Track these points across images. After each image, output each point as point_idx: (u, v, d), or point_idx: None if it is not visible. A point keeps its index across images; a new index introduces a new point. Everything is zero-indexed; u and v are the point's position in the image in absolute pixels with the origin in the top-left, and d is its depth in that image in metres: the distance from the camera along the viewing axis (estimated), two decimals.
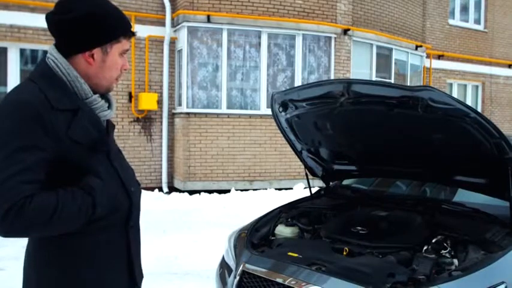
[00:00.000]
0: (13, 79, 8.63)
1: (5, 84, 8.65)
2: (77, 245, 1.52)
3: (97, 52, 1.55)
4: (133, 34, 1.63)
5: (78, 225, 1.46)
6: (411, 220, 2.92)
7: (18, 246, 5.51)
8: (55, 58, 1.53)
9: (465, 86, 14.56)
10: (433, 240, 2.63)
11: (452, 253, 2.56)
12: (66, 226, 1.43)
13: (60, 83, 1.51)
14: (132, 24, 1.62)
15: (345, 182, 3.89)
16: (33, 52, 8.92)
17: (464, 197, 3.10)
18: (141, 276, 1.75)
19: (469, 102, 14.04)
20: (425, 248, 2.59)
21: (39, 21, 8.55)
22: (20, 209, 1.32)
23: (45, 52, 7.47)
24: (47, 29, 1.60)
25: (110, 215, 1.55)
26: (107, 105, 1.62)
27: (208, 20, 9.17)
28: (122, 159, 1.69)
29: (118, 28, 1.57)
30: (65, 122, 1.46)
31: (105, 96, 1.64)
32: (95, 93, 1.58)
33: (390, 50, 11.29)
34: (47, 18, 1.55)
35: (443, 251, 2.56)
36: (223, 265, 2.99)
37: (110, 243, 1.58)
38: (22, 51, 8.79)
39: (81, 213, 1.43)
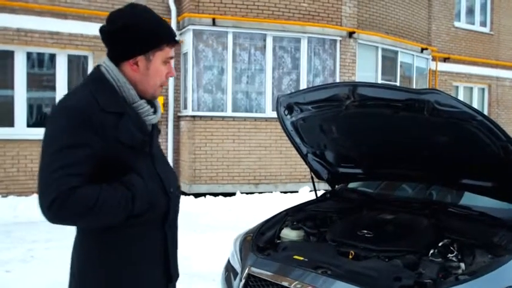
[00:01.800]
0: (20, 82, 8.69)
1: (12, 87, 8.70)
2: (115, 239, 1.61)
3: (141, 60, 1.64)
4: (176, 42, 1.71)
5: (119, 218, 1.56)
6: (417, 223, 2.90)
7: (24, 249, 5.55)
8: (106, 65, 1.65)
9: (471, 88, 14.50)
10: (440, 244, 2.61)
11: (459, 257, 2.54)
12: (107, 218, 1.54)
13: (111, 87, 1.63)
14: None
15: (351, 185, 3.88)
16: (40, 55, 8.97)
17: (471, 200, 3.08)
18: (177, 276, 1.84)
19: (475, 105, 13.98)
20: (431, 251, 2.57)
21: (46, 24, 8.64)
22: (65, 198, 1.44)
23: (51, 55, 7.48)
24: (53, 33, 1.69)
25: (148, 212, 1.63)
26: (152, 110, 1.71)
27: (214, 23, 9.20)
28: (164, 162, 1.79)
29: (160, 37, 1.66)
30: (112, 123, 1.57)
31: (151, 101, 1.73)
32: (142, 98, 1.68)
33: (396, 52, 11.27)
34: (100, 30, 1.66)
35: (449, 255, 2.54)
36: (229, 268, 2.99)
37: (148, 240, 1.67)
38: (29, 55, 8.84)
39: (121, 206, 1.53)
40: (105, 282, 1.63)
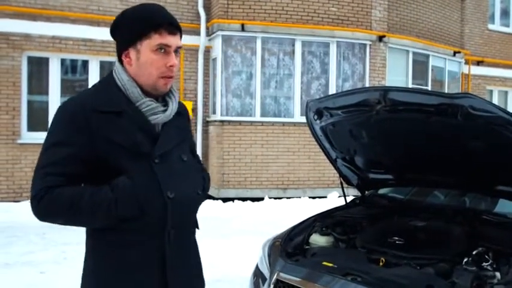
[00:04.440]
0: (54, 88, 8.95)
1: (46, 93, 8.96)
2: (108, 241, 1.58)
3: (131, 51, 1.62)
4: (168, 27, 1.59)
5: (103, 220, 1.52)
6: (450, 231, 2.84)
7: (58, 251, 5.68)
8: (115, 66, 1.67)
9: (506, 92, 14.09)
10: (474, 252, 2.54)
11: (494, 266, 2.46)
12: (86, 219, 1.54)
13: (115, 87, 1.62)
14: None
15: (381, 191, 3.82)
16: (73, 62, 9.23)
17: (506, 207, 3.00)
18: (202, 285, 1.78)
19: (510, 109, 13.58)
20: (465, 260, 2.50)
21: (79, 32, 8.88)
22: (41, 198, 1.48)
23: (84, 62, 7.67)
24: (86, 40, 1.75)
25: (140, 217, 1.54)
26: (162, 109, 1.63)
27: (243, 29, 9.25)
28: (176, 164, 1.65)
29: (144, 24, 1.58)
30: (105, 122, 1.54)
31: (165, 100, 1.68)
32: (149, 96, 1.62)
33: (427, 56, 11.08)
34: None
35: (484, 264, 2.46)
36: (257, 273, 2.98)
37: (139, 247, 1.58)
38: (63, 61, 9.09)
39: (101, 208, 1.49)
40: None
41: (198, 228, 1.82)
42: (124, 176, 1.52)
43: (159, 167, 1.59)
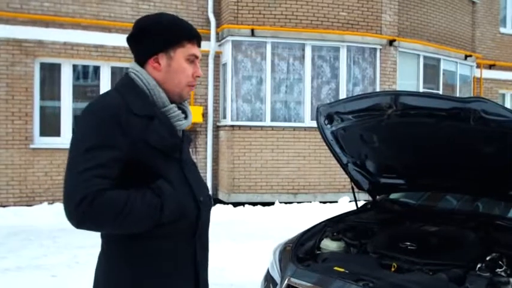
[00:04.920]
0: (66, 94, 9.04)
1: (58, 98, 9.05)
2: (142, 249, 1.56)
3: (161, 57, 1.63)
4: (197, 39, 1.68)
5: (146, 226, 1.50)
6: (463, 236, 2.81)
7: (70, 254, 5.72)
8: (136, 71, 1.65)
9: None
10: (488, 258, 2.51)
11: (509, 272, 2.43)
12: (133, 224, 1.48)
13: (141, 92, 1.61)
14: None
15: (393, 196, 3.79)
16: (85, 68, 9.32)
17: None
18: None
19: None
20: (479, 265, 2.47)
21: (91, 38, 8.97)
22: (92, 200, 1.40)
23: (95, 67, 7.75)
24: (97, 46, 1.74)
25: (177, 221, 1.57)
26: (183, 116, 1.68)
27: (252, 34, 9.28)
28: (194, 170, 1.73)
29: (178, 33, 1.64)
30: (142, 126, 1.54)
31: (181, 108, 1.71)
32: (172, 103, 1.65)
33: (438, 60, 11.02)
34: (126, 39, 1.71)
35: (498, 270, 2.43)
36: (268, 278, 2.98)
37: (178, 251, 1.61)
38: (74, 67, 9.18)
39: (149, 213, 1.48)
40: None
41: None
42: (161, 179, 1.53)
43: (187, 171, 1.65)
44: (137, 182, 1.51)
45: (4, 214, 7.85)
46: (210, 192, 9.22)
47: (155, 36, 1.62)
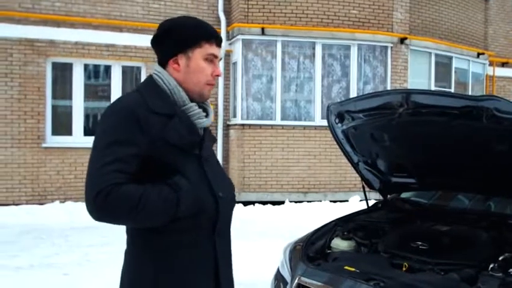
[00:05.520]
0: (78, 93, 9.10)
1: (70, 98, 9.13)
2: (162, 243, 1.59)
3: (180, 58, 1.69)
4: (216, 40, 1.73)
5: (162, 221, 1.54)
6: (475, 236, 2.78)
7: (80, 253, 5.77)
8: (158, 72, 1.71)
9: None
10: (500, 258, 2.48)
11: None
12: (148, 218, 1.52)
13: (162, 92, 1.67)
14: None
15: (404, 195, 3.77)
16: (96, 67, 9.37)
17: None
18: (231, 286, 1.79)
19: None
20: (491, 265, 2.45)
21: (102, 38, 9.02)
22: (107, 194, 1.46)
23: (106, 67, 7.81)
24: (109, 45, 1.78)
25: (195, 216, 1.60)
26: (204, 114, 1.72)
27: (263, 33, 9.27)
28: (217, 167, 1.77)
29: (196, 34, 1.70)
30: (161, 124, 1.59)
31: (202, 106, 1.75)
32: (192, 101, 1.70)
33: (450, 58, 10.92)
34: (150, 40, 1.77)
35: (511, 270, 2.41)
36: (278, 277, 2.97)
37: (195, 246, 1.63)
38: (86, 67, 9.25)
39: (165, 208, 1.52)
40: None
41: None
42: (179, 175, 1.57)
43: (207, 168, 1.68)
44: (156, 177, 1.55)
45: (16, 212, 7.94)
46: None
47: (175, 37, 1.68)
